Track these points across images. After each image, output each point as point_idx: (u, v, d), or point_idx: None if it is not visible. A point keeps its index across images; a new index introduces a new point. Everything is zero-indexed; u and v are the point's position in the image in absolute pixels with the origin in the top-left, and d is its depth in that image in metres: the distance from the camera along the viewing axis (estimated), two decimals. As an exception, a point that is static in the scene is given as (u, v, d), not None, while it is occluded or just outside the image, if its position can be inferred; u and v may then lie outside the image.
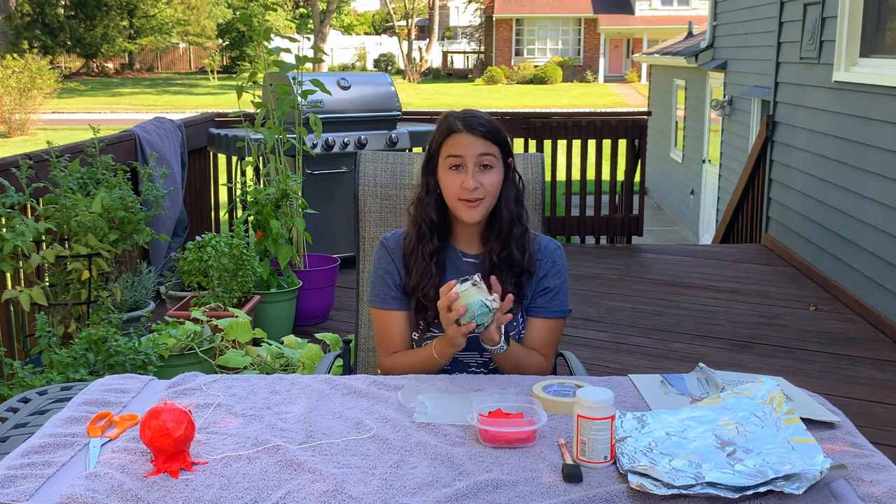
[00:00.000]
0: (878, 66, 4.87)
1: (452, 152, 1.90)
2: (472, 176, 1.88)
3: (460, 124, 1.91)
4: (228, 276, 3.88)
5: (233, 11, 39.46)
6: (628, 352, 4.23)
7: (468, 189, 1.88)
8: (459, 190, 1.89)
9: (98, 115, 22.12)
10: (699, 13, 27.80)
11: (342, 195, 5.38)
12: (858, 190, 4.96)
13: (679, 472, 1.34)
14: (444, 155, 1.92)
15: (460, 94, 30.26)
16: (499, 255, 1.95)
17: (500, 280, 1.83)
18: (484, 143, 1.90)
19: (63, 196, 3.46)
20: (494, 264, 1.95)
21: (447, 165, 1.91)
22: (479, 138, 1.90)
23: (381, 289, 2.00)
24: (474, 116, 1.93)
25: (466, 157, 1.89)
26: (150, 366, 3.01)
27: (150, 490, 1.33)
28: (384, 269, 2.00)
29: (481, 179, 1.89)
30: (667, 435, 1.47)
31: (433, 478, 1.37)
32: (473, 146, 1.89)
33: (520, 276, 1.96)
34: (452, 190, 1.91)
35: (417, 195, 2.00)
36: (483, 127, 1.91)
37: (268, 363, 3.31)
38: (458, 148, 1.90)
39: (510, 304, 1.76)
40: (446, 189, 1.93)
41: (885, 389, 3.76)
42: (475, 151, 1.89)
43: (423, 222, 1.96)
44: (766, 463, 1.35)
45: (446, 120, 1.95)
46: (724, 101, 9.03)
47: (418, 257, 1.96)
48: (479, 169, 1.90)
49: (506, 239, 1.95)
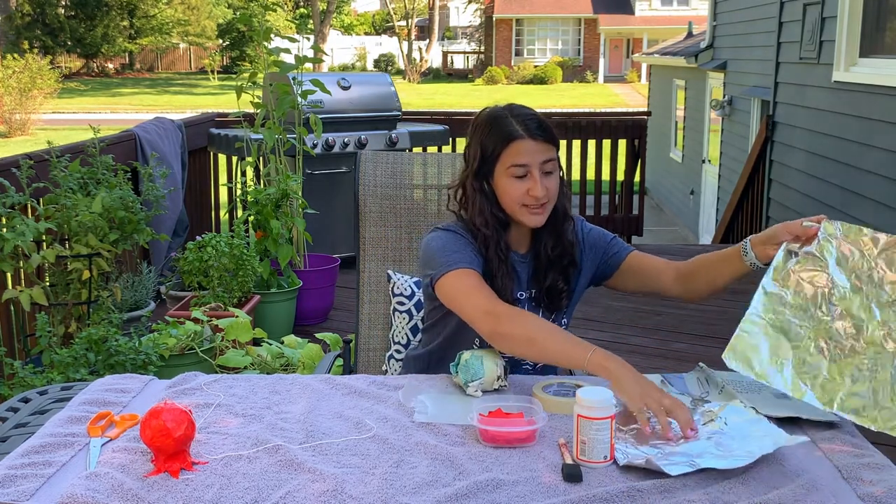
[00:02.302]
0: (878, 66, 4.87)
1: (517, 161, 1.81)
2: (539, 184, 1.80)
3: (521, 130, 1.80)
4: (228, 276, 3.88)
5: (233, 11, 39.48)
6: (628, 352, 4.23)
7: (536, 197, 1.81)
8: (524, 197, 1.81)
9: (98, 115, 22.11)
10: (699, 13, 27.78)
11: (342, 195, 5.38)
12: (858, 190, 4.96)
13: (674, 465, 1.38)
14: (506, 163, 1.82)
15: (460, 95, 30.25)
16: (553, 250, 1.90)
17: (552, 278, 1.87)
18: (547, 148, 1.82)
19: (63, 196, 3.46)
20: (550, 260, 1.90)
21: (510, 174, 1.82)
22: (542, 143, 1.81)
23: (469, 256, 1.82)
24: (532, 118, 1.84)
25: (532, 166, 1.81)
26: (151, 366, 3.01)
27: (151, 490, 1.33)
28: (465, 243, 1.85)
29: (546, 185, 1.82)
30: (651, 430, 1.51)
31: (433, 478, 1.37)
32: (538, 153, 1.81)
33: (566, 269, 1.93)
34: (516, 197, 1.82)
35: (468, 198, 1.89)
36: (544, 133, 1.82)
37: (268, 363, 3.31)
38: (523, 156, 1.80)
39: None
40: (508, 195, 1.83)
41: (884, 389, 3.76)
42: (539, 159, 1.81)
43: (494, 227, 1.86)
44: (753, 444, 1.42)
45: (501, 123, 1.83)
46: (723, 101, 9.03)
47: (493, 255, 1.85)
48: (543, 175, 1.82)
49: (560, 234, 1.91)
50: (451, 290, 1.78)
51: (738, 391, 1.66)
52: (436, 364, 1.99)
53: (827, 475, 1.37)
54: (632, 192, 6.67)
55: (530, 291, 1.93)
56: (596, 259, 1.99)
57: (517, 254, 1.93)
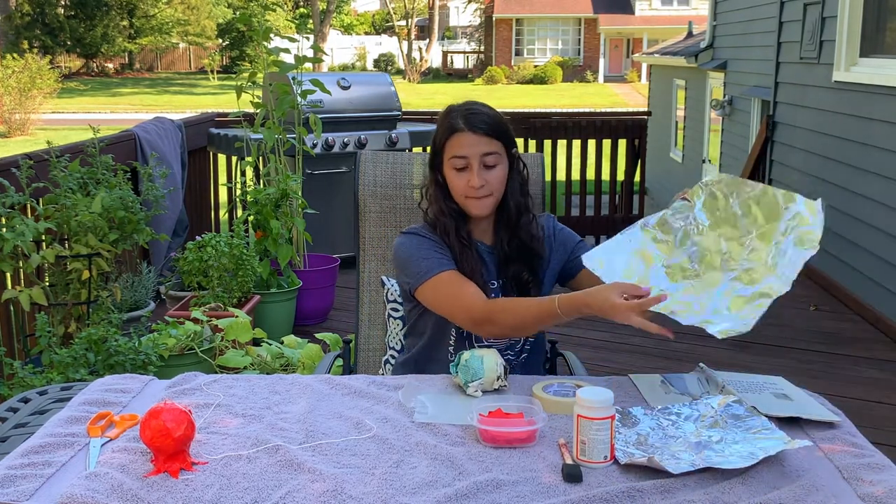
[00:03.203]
0: (878, 66, 4.87)
1: (456, 153, 1.89)
2: (477, 175, 1.87)
3: (462, 122, 1.88)
4: (228, 276, 3.88)
5: (233, 11, 39.47)
6: (628, 352, 4.23)
7: (475, 188, 1.88)
8: (466, 188, 1.89)
9: (98, 115, 22.11)
10: (699, 13, 27.79)
11: (342, 195, 5.38)
12: (858, 190, 4.96)
13: (675, 462, 1.38)
14: (449, 155, 1.90)
15: (460, 94, 30.19)
16: (509, 244, 1.95)
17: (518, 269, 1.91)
18: (487, 141, 1.88)
19: (63, 196, 3.46)
20: (507, 253, 1.95)
21: (452, 165, 1.90)
22: (482, 136, 1.88)
23: (436, 258, 1.88)
24: (475, 113, 1.90)
25: (470, 158, 1.88)
26: (150, 366, 3.01)
27: (150, 490, 1.33)
28: (429, 244, 1.91)
29: (486, 177, 1.88)
30: (652, 430, 1.52)
31: (433, 478, 1.37)
32: (477, 145, 1.88)
33: (531, 261, 1.97)
34: (459, 188, 1.91)
35: (429, 191, 1.98)
36: (485, 124, 1.88)
37: (268, 363, 3.31)
38: (462, 148, 1.88)
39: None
40: (453, 187, 1.92)
41: (885, 389, 3.76)
42: (478, 151, 1.88)
43: (448, 215, 1.93)
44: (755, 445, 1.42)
45: (448, 117, 1.92)
46: (724, 101, 9.03)
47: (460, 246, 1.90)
48: (484, 168, 1.88)
49: (514, 229, 1.95)
50: (434, 302, 1.89)
51: (738, 391, 1.66)
52: (423, 367, 2.01)
53: (827, 475, 1.37)
54: (632, 192, 6.67)
55: (500, 281, 1.98)
56: (563, 257, 2.03)
57: (483, 244, 1.99)
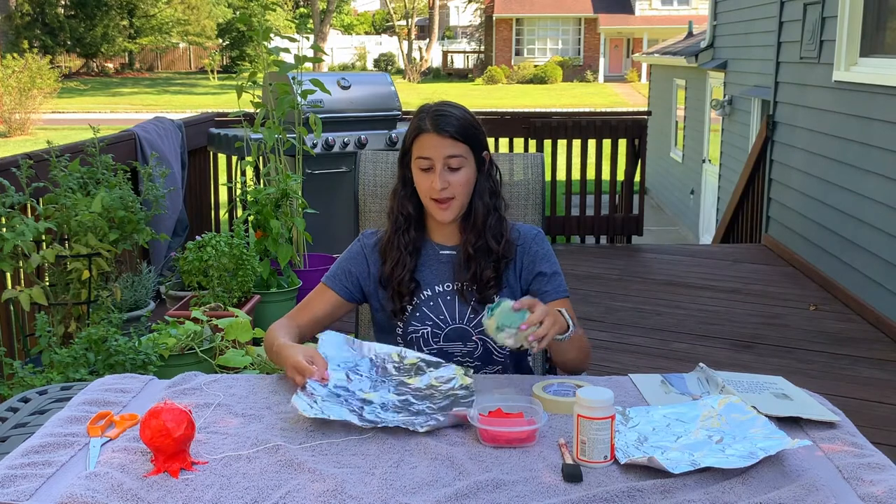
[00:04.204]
0: (878, 65, 4.87)
1: (421, 154, 1.89)
2: (439, 177, 1.87)
3: (429, 124, 1.88)
4: (228, 275, 3.88)
5: (233, 11, 39.45)
6: (628, 352, 4.23)
7: (436, 190, 1.88)
8: (430, 190, 1.89)
9: (98, 115, 22.13)
10: (699, 13, 27.79)
11: (342, 195, 5.38)
12: (859, 190, 4.96)
13: (676, 462, 1.38)
14: (414, 155, 1.92)
15: (460, 94, 30.23)
16: (474, 246, 1.94)
17: (479, 267, 1.91)
18: (452, 143, 1.88)
19: (63, 196, 3.46)
20: (470, 255, 1.94)
21: (417, 166, 1.91)
22: (447, 139, 1.87)
23: (338, 274, 2.00)
24: (443, 115, 1.89)
25: (434, 160, 1.88)
26: (150, 365, 3.01)
27: (150, 490, 1.33)
28: (351, 263, 2.01)
29: (449, 179, 1.88)
30: (653, 430, 1.52)
31: (433, 478, 1.37)
32: (441, 148, 1.88)
33: (497, 262, 1.95)
34: (424, 189, 1.91)
35: (394, 188, 2.00)
36: (451, 127, 1.88)
37: (268, 363, 3.30)
38: (426, 149, 1.88)
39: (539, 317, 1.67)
40: (419, 188, 1.93)
41: (885, 389, 3.76)
42: (442, 153, 1.88)
43: (400, 214, 1.96)
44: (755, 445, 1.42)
45: (418, 117, 1.92)
46: (724, 101, 9.04)
47: (394, 247, 1.96)
48: (447, 170, 1.89)
49: (481, 230, 1.95)
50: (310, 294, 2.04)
51: (738, 391, 1.66)
52: None
53: (827, 475, 1.37)
54: (632, 192, 6.66)
55: (456, 284, 1.96)
56: (528, 273, 1.98)
57: (444, 246, 1.99)
